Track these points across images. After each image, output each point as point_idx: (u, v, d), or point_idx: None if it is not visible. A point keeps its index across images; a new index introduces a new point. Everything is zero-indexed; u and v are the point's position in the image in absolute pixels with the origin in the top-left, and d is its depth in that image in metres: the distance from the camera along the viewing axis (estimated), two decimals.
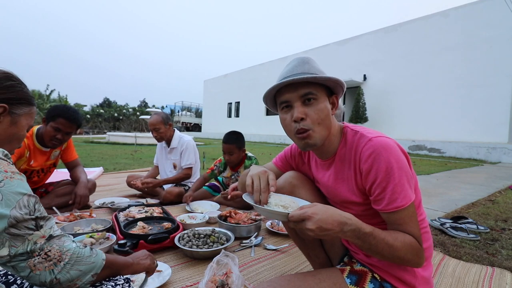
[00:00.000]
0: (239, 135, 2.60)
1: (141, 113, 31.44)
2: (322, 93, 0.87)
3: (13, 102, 0.80)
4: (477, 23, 10.07)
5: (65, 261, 0.64)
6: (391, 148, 0.79)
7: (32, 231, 0.63)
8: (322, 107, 0.87)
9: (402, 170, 0.78)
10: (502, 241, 2.00)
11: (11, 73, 0.82)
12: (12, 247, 0.60)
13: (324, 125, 0.87)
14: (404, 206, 0.78)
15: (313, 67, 0.88)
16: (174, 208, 2.55)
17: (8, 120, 0.79)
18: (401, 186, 0.77)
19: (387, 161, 0.78)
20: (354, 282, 0.91)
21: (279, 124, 4.25)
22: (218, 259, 1.24)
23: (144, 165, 5.51)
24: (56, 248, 0.64)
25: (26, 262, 0.61)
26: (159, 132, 2.78)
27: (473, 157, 8.98)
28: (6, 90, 0.79)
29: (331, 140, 0.93)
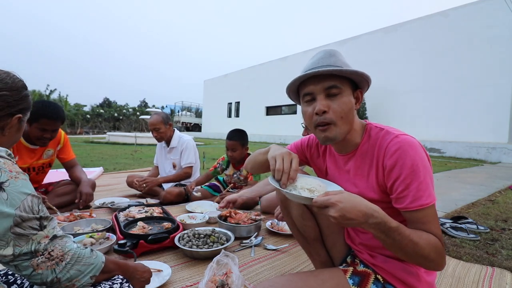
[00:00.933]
0: (243, 133, 2.67)
1: (141, 113, 31.44)
2: (347, 87, 0.86)
3: (25, 112, 0.83)
4: (477, 23, 10.07)
5: (67, 261, 0.66)
6: (416, 146, 0.80)
7: (36, 231, 0.64)
8: (346, 101, 0.85)
9: (427, 169, 0.78)
10: (502, 241, 2.00)
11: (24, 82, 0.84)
12: (16, 246, 0.61)
13: (346, 119, 0.86)
14: (428, 204, 0.77)
15: (339, 60, 0.87)
16: (174, 208, 2.54)
17: (16, 127, 0.82)
18: (425, 185, 0.77)
19: (412, 158, 0.78)
20: (357, 283, 0.90)
21: (279, 124, 4.32)
22: (218, 259, 1.24)
23: (144, 165, 5.51)
24: (59, 248, 0.66)
25: (30, 261, 0.62)
26: (159, 132, 2.79)
27: (473, 157, 8.98)
28: (23, 100, 0.81)
29: (353, 135, 0.92)
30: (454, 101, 10.55)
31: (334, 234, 1.09)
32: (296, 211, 1.10)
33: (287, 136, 15.54)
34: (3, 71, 0.80)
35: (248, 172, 2.71)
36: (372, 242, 0.96)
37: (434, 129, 10.97)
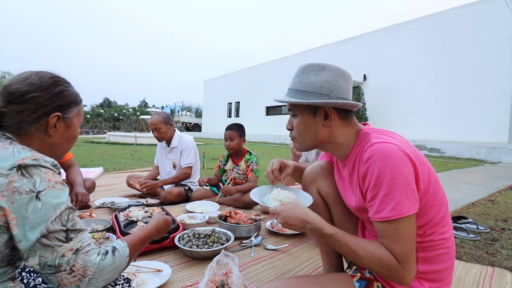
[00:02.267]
0: (241, 125, 2.76)
1: (141, 113, 31.46)
2: (302, 109, 0.94)
3: (65, 108, 0.80)
4: (477, 23, 10.07)
5: (89, 277, 0.66)
6: (390, 156, 0.77)
7: (61, 242, 0.64)
8: (301, 121, 0.96)
9: (396, 181, 0.75)
10: (502, 241, 2.00)
11: (57, 76, 0.81)
12: (41, 257, 0.62)
13: (305, 136, 0.97)
14: (389, 218, 0.75)
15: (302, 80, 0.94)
16: (174, 208, 2.55)
17: (63, 125, 0.80)
18: (391, 198, 0.75)
19: (380, 169, 0.77)
20: (363, 286, 0.90)
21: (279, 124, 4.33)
22: (218, 259, 1.24)
23: (144, 165, 5.51)
24: (80, 263, 0.65)
25: (54, 275, 0.63)
26: (160, 132, 2.78)
27: (473, 157, 8.98)
28: (57, 97, 0.78)
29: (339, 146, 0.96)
30: (454, 101, 10.55)
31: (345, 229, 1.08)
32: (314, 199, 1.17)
33: (287, 136, 15.51)
34: (33, 72, 0.78)
35: (247, 166, 2.76)
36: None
37: (434, 129, 10.97)
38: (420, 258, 0.84)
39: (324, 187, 1.14)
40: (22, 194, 0.61)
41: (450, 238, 0.88)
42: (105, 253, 0.70)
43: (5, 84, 0.76)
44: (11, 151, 0.65)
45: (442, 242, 0.85)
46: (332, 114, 0.92)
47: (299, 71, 0.96)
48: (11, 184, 0.61)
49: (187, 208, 2.45)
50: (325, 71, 0.92)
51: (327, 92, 0.90)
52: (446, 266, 0.87)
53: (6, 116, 0.73)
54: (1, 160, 0.63)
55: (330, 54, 14.92)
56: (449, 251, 0.87)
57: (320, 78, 0.91)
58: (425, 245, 0.84)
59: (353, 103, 0.93)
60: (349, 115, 0.96)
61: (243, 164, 2.77)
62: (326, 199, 1.15)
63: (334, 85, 0.91)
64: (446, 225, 0.87)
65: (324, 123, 0.93)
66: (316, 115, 0.93)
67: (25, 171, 0.63)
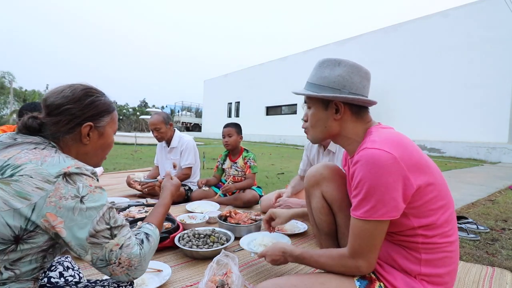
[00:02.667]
0: (238, 124, 2.86)
1: (141, 113, 31.47)
2: (315, 102, 0.98)
3: (97, 117, 0.85)
4: (477, 23, 10.06)
5: (135, 265, 0.76)
6: (375, 164, 0.79)
7: (107, 239, 0.72)
8: (314, 113, 0.99)
9: (375, 189, 0.78)
10: (502, 241, 2.00)
11: (89, 87, 0.86)
12: (93, 254, 0.71)
13: (316, 128, 0.99)
14: (359, 217, 0.82)
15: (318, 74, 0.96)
16: (174, 208, 2.55)
17: (96, 134, 0.85)
18: (367, 202, 0.80)
19: (363, 174, 0.81)
20: (364, 286, 0.90)
21: (279, 124, 4.35)
22: (218, 259, 1.24)
23: (144, 165, 5.51)
24: (125, 257, 0.74)
25: (106, 268, 0.73)
26: (160, 132, 2.78)
27: (473, 157, 8.98)
28: (88, 108, 0.83)
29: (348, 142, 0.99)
30: (454, 101, 10.55)
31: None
32: (316, 204, 1.20)
33: (287, 136, 15.54)
34: (67, 85, 0.84)
35: (244, 163, 2.79)
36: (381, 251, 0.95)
37: (434, 129, 10.97)
38: (424, 260, 0.85)
39: (329, 191, 1.13)
40: (68, 200, 0.68)
41: (454, 242, 0.87)
42: (141, 242, 0.80)
43: (44, 97, 0.83)
44: (57, 159, 0.71)
45: (446, 245, 0.85)
46: (343, 109, 0.93)
47: (317, 65, 0.97)
48: (57, 191, 0.67)
49: (187, 208, 2.46)
50: (340, 66, 0.93)
51: (339, 87, 0.91)
52: (449, 270, 0.86)
53: (45, 127, 0.80)
54: (49, 167, 0.69)
55: (330, 54, 14.92)
56: (453, 255, 0.87)
57: (334, 73, 0.93)
58: (428, 246, 0.84)
59: (364, 99, 0.93)
60: (362, 111, 0.96)
61: (241, 161, 2.81)
62: (331, 204, 1.14)
63: (347, 80, 0.91)
64: (451, 229, 0.86)
65: (334, 117, 0.94)
66: (327, 109, 0.95)
67: (69, 178, 0.70)
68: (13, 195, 0.64)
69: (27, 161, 0.68)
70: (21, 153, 0.70)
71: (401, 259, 0.88)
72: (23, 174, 0.66)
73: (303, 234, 2.01)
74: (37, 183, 0.66)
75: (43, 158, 0.70)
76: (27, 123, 0.78)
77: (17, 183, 0.65)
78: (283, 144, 14.76)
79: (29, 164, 0.67)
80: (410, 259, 0.86)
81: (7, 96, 30.32)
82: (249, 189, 2.71)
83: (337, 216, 1.14)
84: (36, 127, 0.79)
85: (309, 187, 1.22)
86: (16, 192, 0.64)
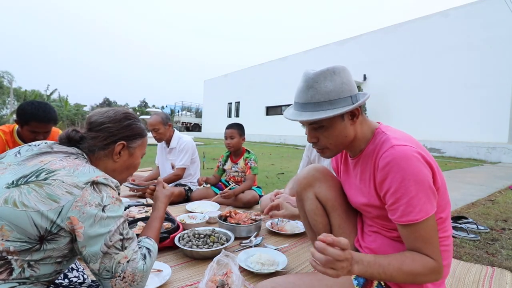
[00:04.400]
0: (241, 125, 2.82)
1: (141, 113, 31.46)
2: (331, 118, 0.89)
3: (130, 138, 0.94)
4: (477, 23, 10.06)
5: (138, 281, 0.77)
6: (410, 159, 0.78)
7: (118, 250, 0.75)
8: (333, 130, 0.91)
9: (420, 184, 0.77)
10: (502, 241, 2.00)
11: (129, 113, 0.97)
12: (102, 263, 0.73)
13: (337, 142, 0.93)
14: (418, 220, 0.77)
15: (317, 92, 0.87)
16: (174, 208, 2.55)
17: (126, 153, 0.94)
18: (417, 200, 0.76)
19: (404, 173, 0.77)
20: (361, 284, 0.90)
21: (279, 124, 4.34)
22: (218, 259, 1.24)
23: (144, 165, 5.50)
24: (130, 271, 0.76)
25: (110, 280, 0.74)
26: (158, 133, 2.77)
27: (473, 157, 8.98)
28: (125, 129, 0.92)
29: (357, 142, 0.96)
30: (454, 101, 10.54)
31: (344, 235, 1.10)
32: (310, 206, 1.16)
33: (287, 136, 15.54)
34: (112, 108, 0.95)
35: (245, 164, 2.78)
36: (375, 246, 0.97)
37: (434, 129, 10.96)
38: None
39: (322, 192, 1.12)
40: (92, 206, 0.72)
41: (449, 236, 0.90)
42: (144, 257, 0.83)
43: (89, 115, 0.93)
44: (87, 169, 0.77)
45: (444, 239, 0.87)
46: (359, 111, 0.93)
47: (311, 83, 0.88)
48: (84, 196, 0.71)
49: (187, 208, 2.45)
50: (336, 74, 0.88)
51: (348, 93, 0.88)
52: (446, 263, 0.88)
53: (84, 140, 0.88)
54: (80, 175, 0.74)
55: (330, 54, 14.91)
56: (449, 249, 0.89)
57: (336, 83, 0.88)
58: None
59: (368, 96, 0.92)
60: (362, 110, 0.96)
61: (242, 162, 2.80)
62: (324, 204, 1.13)
63: (348, 84, 0.89)
64: (448, 224, 0.89)
65: (351, 123, 0.93)
66: (344, 118, 0.91)
67: (96, 186, 0.75)
68: (44, 197, 0.68)
69: (61, 168, 0.74)
70: (56, 160, 0.76)
71: None
72: (56, 178, 0.71)
73: (303, 234, 2.01)
74: (67, 188, 0.71)
75: (75, 167, 0.76)
76: (70, 135, 0.87)
77: (50, 186, 0.70)
78: (283, 144, 14.76)
79: (62, 171, 0.73)
80: None
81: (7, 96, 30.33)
82: (249, 190, 2.71)
83: (331, 216, 1.12)
84: (77, 139, 0.88)
85: (301, 190, 1.18)
86: (47, 194, 0.69)
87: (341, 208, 1.10)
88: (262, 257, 1.45)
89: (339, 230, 1.11)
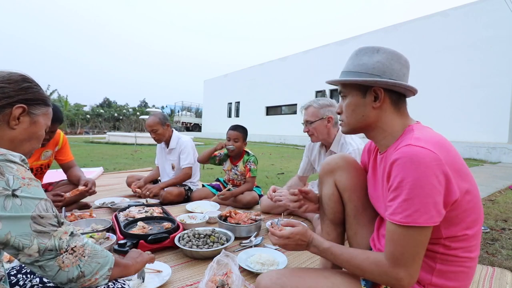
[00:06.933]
0: (245, 129, 2.76)
1: (141, 113, 31.42)
2: (352, 89, 0.93)
3: (31, 102, 0.81)
4: (477, 23, 10.06)
5: (88, 255, 0.69)
6: (420, 162, 0.72)
7: (55, 227, 0.66)
8: (351, 102, 0.94)
9: (419, 190, 0.71)
10: (502, 241, 2.00)
11: (27, 75, 0.84)
12: (40, 243, 0.63)
13: (352, 117, 0.94)
14: (402, 223, 0.74)
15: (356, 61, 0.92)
16: (174, 208, 2.55)
17: (27, 120, 0.80)
18: (410, 204, 0.73)
19: (406, 173, 0.73)
20: (370, 285, 0.89)
21: (279, 124, 4.36)
22: (218, 259, 1.24)
23: (144, 165, 5.51)
24: (80, 244, 0.69)
25: (55, 260, 0.64)
26: (157, 134, 2.77)
27: (473, 157, 8.98)
28: (24, 91, 0.79)
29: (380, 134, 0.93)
30: (453, 101, 10.55)
31: (359, 226, 1.10)
32: (327, 190, 1.18)
33: (287, 136, 15.53)
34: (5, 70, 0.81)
35: (245, 167, 2.74)
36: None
37: (434, 129, 10.95)
38: (437, 270, 0.81)
39: (341, 181, 1.11)
40: None
41: (474, 259, 0.83)
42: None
43: None
44: None
45: (465, 260, 0.81)
46: (383, 95, 0.88)
47: (353, 54, 0.94)
48: None
49: (187, 208, 2.46)
50: (379, 53, 0.89)
51: (379, 73, 0.87)
52: (462, 285, 0.83)
53: None
54: None
55: (330, 54, 14.89)
56: (469, 271, 0.83)
57: (373, 60, 0.89)
58: (447, 258, 0.80)
59: (406, 85, 0.87)
60: (402, 101, 0.92)
61: (241, 165, 2.77)
62: (342, 193, 1.12)
63: (387, 67, 0.87)
64: (475, 245, 0.82)
65: (374, 105, 0.90)
66: (366, 96, 0.90)
67: None
68: None
69: None
70: None
71: None
72: None
73: None
74: None
75: None
76: None
77: None
78: (283, 144, 14.76)
79: None
80: (423, 267, 0.81)
81: None
82: (248, 191, 2.69)
83: (347, 206, 1.12)
84: None
85: (323, 175, 1.19)
86: None
87: (359, 200, 1.08)
88: (262, 257, 1.45)
89: (353, 221, 1.10)
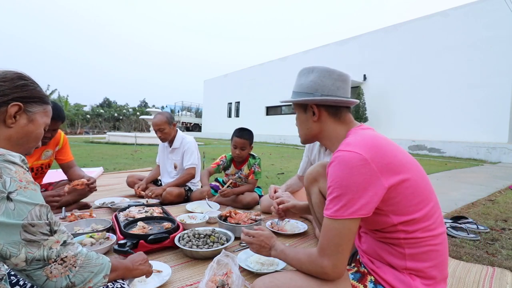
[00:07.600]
0: (251, 133, 2.66)
1: (141, 113, 31.40)
2: (296, 107, 1.08)
3: (27, 100, 0.79)
4: (477, 23, 10.06)
5: (79, 265, 0.67)
6: (346, 165, 0.83)
7: (46, 236, 0.63)
8: (297, 117, 1.09)
9: (345, 188, 0.82)
10: (502, 241, 2.00)
11: (23, 73, 0.82)
12: (28, 253, 0.60)
13: (301, 130, 1.09)
14: (330, 217, 0.84)
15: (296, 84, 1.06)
16: (174, 208, 2.55)
17: (24, 118, 0.78)
18: (340, 201, 0.82)
19: (336, 174, 0.85)
20: (357, 279, 0.94)
21: (279, 124, 4.35)
22: (218, 259, 1.24)
23: (144, 165, 5.51)
24: (71, 254, 0.66)
25: (43, 270, 0.62)
26: (163, 133, 2.76)
27: (473, 157, 8.98)
28: (19, 89, 0.78)
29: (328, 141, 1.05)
30: (454, 101, 10.54)
31: None
32: (315, 199, 1.28)
33: (287, 136, 15.53)
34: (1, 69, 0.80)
35: (249, 170, 2.72)
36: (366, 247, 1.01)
37: (434, 129, 10.96)
38: (408, 255, 0.87)
39: (325, 187, 1.14)
40: None
41: (439, 235, 0.88)
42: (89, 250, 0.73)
43: None
44: None
45: (429, 239, 0.86)
46: (316, 110, 1.00)
47: (297, 75, 1.08)
48: None
49: (187, 208, 2.45)
50: (313, 73, 1.01)
51: (312, 91, 0.99)
52: (435, 263, 0.87)
53: None
54: None
55: (330, 54, 14.90)
56: (438, 248, 0.88)
57: (308, 79, 1.01)
58: (410, 241, 0.86)
59: (336, 99, 0.97)
60: (340, 112, 1.00)
61: (246, 169, 2.73)
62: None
63: (318, 84, 0.99)
64: (434, 223, 0.87)
65: (313, 119, 1.02)
66: (306, 112, 1.04)
67: None
68: None
69: None
70: None
71: (387, 255, 0.91)
72: None
73: (303, 234, 2.01)
74: None
75: None
76: None
77: None
78: (283, 144, 14.75)
79: None
80: (395, 254, 0.89)
81: None
82: (249, 192, 2.69)
83: None
84: None
85: (308, 185, 1.29)
86: None
87: None
88: (262, 257, 1.45)
89: None
